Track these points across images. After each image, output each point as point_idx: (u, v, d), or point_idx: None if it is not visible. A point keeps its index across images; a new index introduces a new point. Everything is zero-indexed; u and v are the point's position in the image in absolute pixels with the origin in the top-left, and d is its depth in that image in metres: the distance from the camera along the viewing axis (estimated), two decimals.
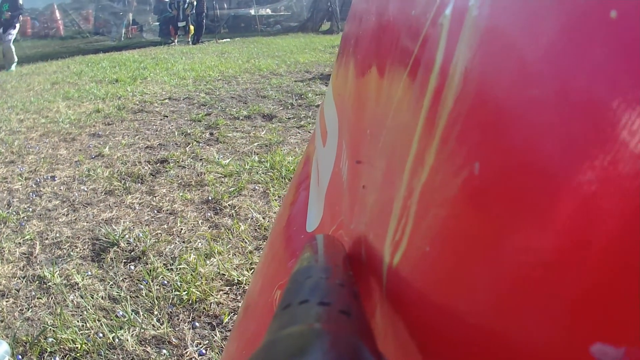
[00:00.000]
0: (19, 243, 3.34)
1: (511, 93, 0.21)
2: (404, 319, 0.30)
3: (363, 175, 0.50)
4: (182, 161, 4.82)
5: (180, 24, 17.36)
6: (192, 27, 17.54)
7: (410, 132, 0.32)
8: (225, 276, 2.89)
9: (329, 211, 0.71)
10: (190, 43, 17.31)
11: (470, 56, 0.25)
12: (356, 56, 0.68)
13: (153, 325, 2.50)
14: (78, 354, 2.31)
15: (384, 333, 0.35)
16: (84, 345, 2.34)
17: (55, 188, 4.26)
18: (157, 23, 18.63)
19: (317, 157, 0.97)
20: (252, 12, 21.17)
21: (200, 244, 3.28)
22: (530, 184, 0.19)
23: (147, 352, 2.32)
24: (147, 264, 3.06)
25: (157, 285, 2.84)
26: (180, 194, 4.04)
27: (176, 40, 17.33)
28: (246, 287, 2.77)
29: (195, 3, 17.57)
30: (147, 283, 2.85)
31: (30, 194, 4.15)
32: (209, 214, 3.69)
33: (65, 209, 3.85)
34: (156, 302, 2.68)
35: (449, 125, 0.26)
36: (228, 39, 18.45)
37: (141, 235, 3.38)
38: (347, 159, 0.61)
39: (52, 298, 2.75)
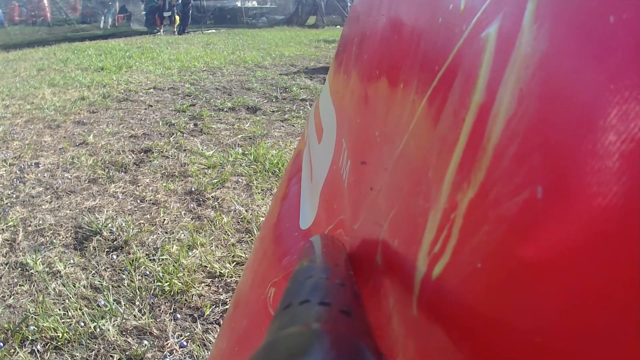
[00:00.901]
0: (2, 229, 3.33)
1: (578, 120, 0.21)
2: (445, 332, 0.29)
3: (370, 177, 0.50)
4: (165, 151, 4.82)
5: (166, 14, 17.26)
6: (177, 17, 17.47)
7: (447, 145, 0.32)
8: (208, 268, 2.89)
9: (324, 209, 0.72)
10: (176, 33, 17.23)
11: (526, 78, 0.25)
12: (360, 57, 0.68)
13: (134, 316, 2.50)
14: (59, 343, 2.31)
15: (404, 341, 0.35)
16: (65, 334, 2.34)
17: (39, 175, 4.24)
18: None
19: (310, 152, 0.97)
20: (239, 4, 21.07)
21: (182, 235, 3.28)
22: (599, 211, 0.19)
23: (129, 342, 2.32)
24: (129, 253, 3.06)
25: (139, 275, 2.84)
26: (164, 184, 4.04)
27: (162, 30, 17.24)
28: (228, 280, 2.78)
29: None
30: (129, 273, 2.86)
31: (14, 180, 4.14)
32: (192, 205, 3.69)
33: (49, 196, 3.84)
34: (138, 292, 2.69)
35: (503, 144, 0.26)
36: (214, 30, 18.39)
37: (124, 224, 3.38)
38: (349, 159, 0.62)
39: (34, 285, 2.75)
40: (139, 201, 3.77)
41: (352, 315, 0.30)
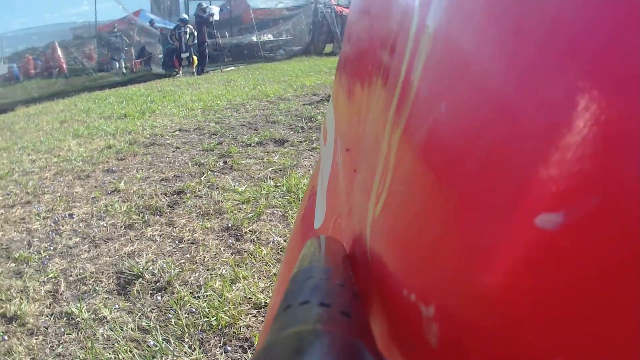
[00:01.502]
0: (43, 281, 3.35)
1: (481, 48, 0.24)
2: (388, 274, 0.32)
3: (353, 160, 0.53)
4: (198, 191, 4.84)
5: (184, 55, 17.47)
6: (195, 58, 17.64)
7: (389, 98, 0.36)
8: (252, 299, 2.89)
9: (330, 205, 0.74)
10: (195, 73, 17.40)
11: (438, 23, 0.30)
12: (349, 55, 0.73)
13: (185, 352, 2.50)
14: None
15: (369, 301, 0.36)
16: None
17: (75, 225, 4.27)
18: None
19: (321, 158, 1.01)
20: (254, 38, 21.29)
21: (224, 270, 3.28)
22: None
23: None
24: (173, 293, 3.07)
25: (185, 313, 2.84)
26: (200, 223, 4.05)
27: (181, 72, 17.43)
28: None
29: (195, 33, 17.67)
30: (175, 312, 2.86)
31: (50, 232, 4.16)
32: (230, 241, 3.70)
33: (87, 245, 3.86)
34: (186, 329, 2.69)
35: (421, 85, 0.30)
36: (232, 67, 18.57)
37: (165, 266, 3.39)
38: (342, 152, 0.65)
39: (81, 333, 2.75)
40: (177, 242, 3.78)
41: (351, 316, 0.31)
